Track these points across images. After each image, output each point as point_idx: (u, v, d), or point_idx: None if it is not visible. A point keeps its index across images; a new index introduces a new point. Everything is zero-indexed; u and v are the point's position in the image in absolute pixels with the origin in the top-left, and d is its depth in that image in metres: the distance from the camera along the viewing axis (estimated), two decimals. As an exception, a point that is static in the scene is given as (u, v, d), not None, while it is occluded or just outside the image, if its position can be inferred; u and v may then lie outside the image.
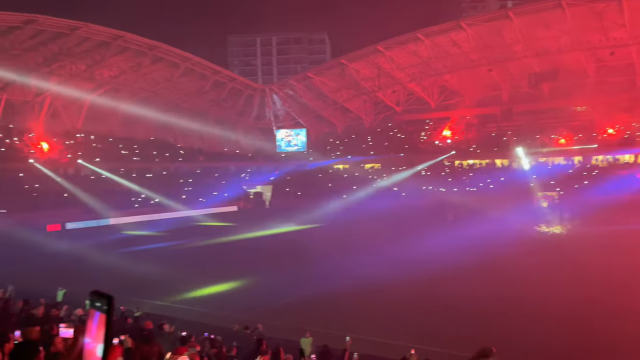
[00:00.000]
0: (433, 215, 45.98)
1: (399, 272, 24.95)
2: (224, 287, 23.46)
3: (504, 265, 26.45)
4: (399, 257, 28.68)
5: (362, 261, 28.01)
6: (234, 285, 23.79)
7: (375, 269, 26.06)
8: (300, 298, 20.73)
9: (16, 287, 20.34)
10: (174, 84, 63.15)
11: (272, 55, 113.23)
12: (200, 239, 39.12)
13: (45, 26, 47.49)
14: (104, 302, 1.28)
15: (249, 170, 72.57)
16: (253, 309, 18.85)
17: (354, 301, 20.09)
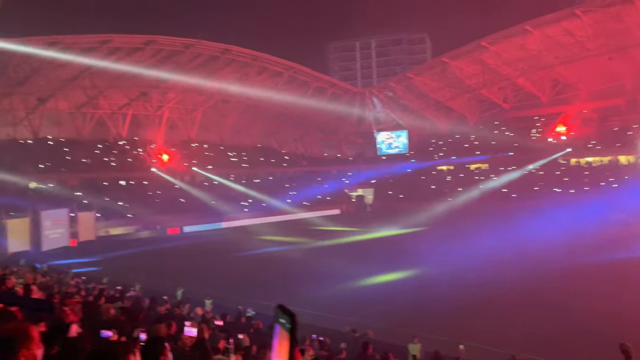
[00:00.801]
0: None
1: (509, 276, 23.65)
2: (339, 288, 23.81)
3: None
4: (507, 260, 27.18)
5: (469, 265, 26.94)
6: (345, 287, 24.04)
7: (484, 272, 24.93)
8: (411, 302, 20.44)
9: (142, 286, 22.33)
10: (277, 92, 65.56)
11: (372, 58, 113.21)
12: (308, 242, 40.06)
13: (163, 45, 51.71)
14: (288, 319, 1.24)
15: (350, 173, 73.15)
16: (363, 312, 18.93)
17: (467, 307, 19.36)
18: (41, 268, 24.57)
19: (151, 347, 4.66)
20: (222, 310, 16.59)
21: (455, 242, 34.94)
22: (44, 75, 49.14)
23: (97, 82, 54.20)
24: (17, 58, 43.27)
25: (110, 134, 60.93)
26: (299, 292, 22.85)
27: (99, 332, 5.79)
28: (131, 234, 46.48)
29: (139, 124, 63.06)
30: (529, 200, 50.48)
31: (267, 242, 40.33)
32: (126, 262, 32.72)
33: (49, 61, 45.98)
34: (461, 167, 65.43)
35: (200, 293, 20.48)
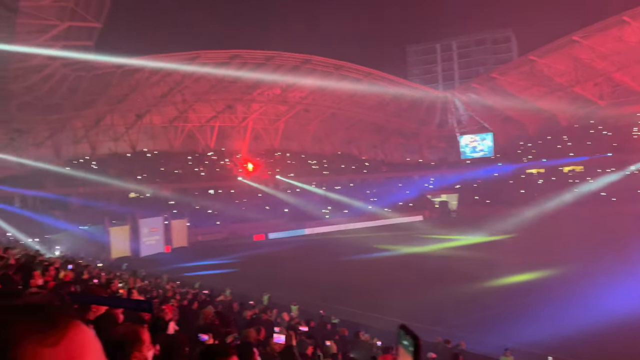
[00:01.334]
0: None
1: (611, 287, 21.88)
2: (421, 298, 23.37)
3: None
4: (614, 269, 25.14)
5: (568, 275, 25.29)
6: (440, 295, 23.52)
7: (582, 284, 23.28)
8: (504, 313, 19.60)
9: (232, 291, 23.21)
10: (356, 99, 65.84)
11: (453, 60, 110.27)
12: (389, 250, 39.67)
13: (246, 59, 53.80)
14: (411, 342, 1.17)
15: (432, 179, 71.55)
16: (451, 322, 18.41)
17: (567, 319, 18.18)
18: (139, 272, 26.35)
19: (241, 352, 4.84)
20: (308, 316, 16.85)
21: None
22: (141, 93, 52.99)
23: (187, 97, 57.54)
24: (118, 77, 46.97)
25: (199, 145, 64.38)
26: (389, 299, 22.64)
27: (194, 335, 6.11)
28: (219, 241, 48.56)
29: (225, 135, 66.11)
30: (632, 204, 46.58)
31: (362, 248, 40.28)
32: (217, 267, 34.22)
33: (145, 79, 49.56)
34: (553, 170, 61.69)
35: (286, 298, 20.91)
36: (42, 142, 52.14)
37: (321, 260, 35.80)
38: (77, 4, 32.38)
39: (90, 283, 10.03)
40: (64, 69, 40.59)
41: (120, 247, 41.06)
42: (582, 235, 36.60)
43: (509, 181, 62.93)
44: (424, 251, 38.14)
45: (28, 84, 40.03)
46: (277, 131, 69.65)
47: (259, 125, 68.12)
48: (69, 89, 44.75)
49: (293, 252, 41.36)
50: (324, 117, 69.98)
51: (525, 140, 69.25)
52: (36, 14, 31.00)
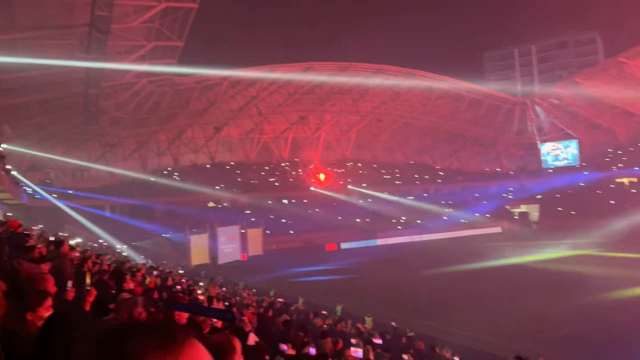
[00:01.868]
0: None
1: None
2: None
3: None
4: None
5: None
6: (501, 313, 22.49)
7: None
8: (580, 331, 18.35)
9: (305, 300, 23.47)
10: (430, 107, 64.69)
11: (532, 65, 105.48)
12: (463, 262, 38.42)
13: (319, 70, 54.61)
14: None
15: (511, 188, 68.56)
16: (529, 338, 17.49)
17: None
18: (217, 279, 27.33)
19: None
20: (382, 329, 16.65)
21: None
22: (219, 106, 55.32)
23: (262, 109, 59.32)
24: (197, 92, 49.35)
25: (274, 156, 66.03)
26: (466, 313, 21.92)
27: (273, 344, 6.23)
28: (293, 249, 49.29)
29: (298, 146, 67.35)
30: None
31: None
32: (291, 276, 34.77)
33: (223, 93, 51.72)
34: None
35: (360, 310, 20.80)
36: (130, 155, 55.72)
37: (396, 271, 35.33)
38: (163, 24, 34.50)
39: (174, 290, 10.54)
40: (150, 85, 43.32)
41: (199, 255, 42.85)
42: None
43: (596, 191, 58.96)
44: (507, 263, 36.52)
45: (118, 100, 43.10)
46: (348, 141, 69.95)
47: (331, 136, 68.78)
48: (154, 104, 47.65)
49: (367, 263, 41.11)
50: (396, 126, 69.36)
51: (614, 148, 64.67)
52: (125, 35, 33.39)
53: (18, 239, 8.83)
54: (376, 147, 72.10)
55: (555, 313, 21.71)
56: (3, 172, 21.68)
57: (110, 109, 43.71)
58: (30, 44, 29.59)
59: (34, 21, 28.80)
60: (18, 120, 37.59)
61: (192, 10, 33.89)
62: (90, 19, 26.41)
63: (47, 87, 36.31)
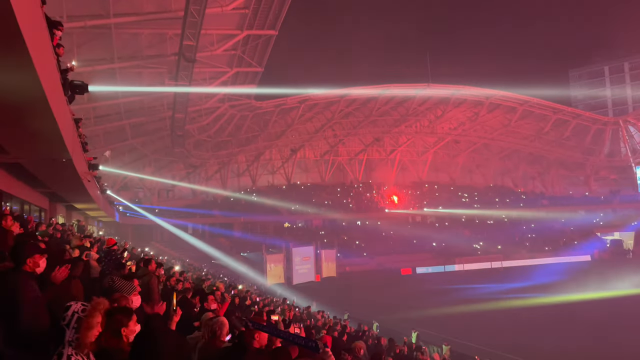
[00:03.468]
0: None
1: None
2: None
3: None
4: None
5: None
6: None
7: None
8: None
9: (380, 325, 23.06)
10: (511, 128, 62.22)
11: (625, 82, 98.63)
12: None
13: (395, 93, 54.47)
14: None
15: (602, 214, 63.88)
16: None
17: None
18: (290, 300, 27.55)
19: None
20: (459, 357, 15.99)
21: None
22: (295, 129, 56.69)
23: (337, 131, 59.97)
24: (276, 115, 50.93)
25: (348, 177, 66.26)
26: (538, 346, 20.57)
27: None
28: (367, 272, 48.77)
29: (372, 168, 67.21)
30: None
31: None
32: (367, 298, 34.36)
33: (300, 116, 52.98)
34: None
35: (437, 337, 20.12)
36: (212, 176, 58.26)
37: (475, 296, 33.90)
38: (244, 51, 36.12)
39: (253, 310, 10.76)
40: (231, 110, 45.34)
41: (275, 274, 43.58)
42: None
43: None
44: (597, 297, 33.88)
45: (202, 124, 45.43)
46: (424, 163, 68.73)
47: (406, 157, 68.00)
48: (235, 127, 49.73)
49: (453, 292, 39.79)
50: (475, 147, 67.28)
51: None
52: (210, 62, 35.29)
53: (114, 255, 9.45)
54: (454, 169, 70.25)
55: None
56: (99, 191, 23.41)
57: (195, 132, 46.16)
58: (126, 72, 32.08)
59: (130, 52, 31.25)
60: (113, 142, 40.67)
61: (272, 38, 35.25)
62: (179, 48, 28.21)
63: (139, 112, 39.10)
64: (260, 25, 33.81)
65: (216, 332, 4.59)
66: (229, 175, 59.41)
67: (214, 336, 4.60)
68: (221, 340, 4.59)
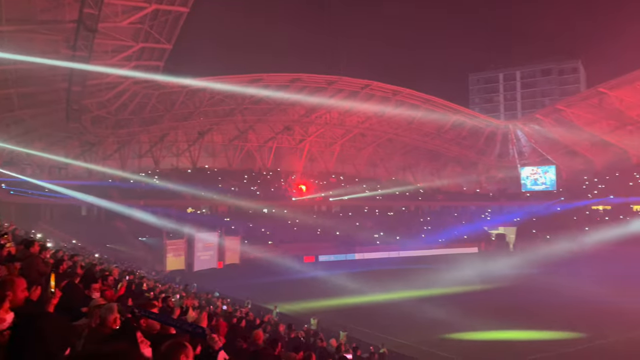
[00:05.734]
0: None
1: None
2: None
3: None
4: None
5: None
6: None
7: None
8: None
9: (279, 312, 23.26)
10: (414, 125, 65.26)
11: (516, 90, 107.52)
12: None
13: (307, 83, 54.78)
14: None
15: (490, 210, 69.35)
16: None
17: None
18: (190, 288, 26.93)
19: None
20: (356, 343, 16.58)
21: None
22: (204, 111, 55.03)
23: (248, 117, 59.17)
24: (183, 96, 49.04)
25: (257, 165, 65.81)
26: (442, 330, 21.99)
27: (241, 358, 6.09)
28: (271, 259, 48.89)
29: (282, 156, 67.30)
30: None
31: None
32: (267, 286, 34.45)
33: (208, 98, 51.47)
34: (622, 208, 58.35)
35: (336, 324, 20.68)
36: (110, 155, 54.93)
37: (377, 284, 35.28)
38: (152, 26, 34.27)
39: (148, 296, 10.33)
40: (134, 86, 42.90)
41: (175, 261, 42.24)
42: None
43: (573, 217, 60.00)
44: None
45: (101, 99, 42.54)
46: (332, 154, 70.07)
47: (315, 148, 68.86)
48: (138, 106, 47.18)
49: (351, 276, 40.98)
50: (380, 141, 69.80)
51: (591, 176, 66.05)
52: (113, 34, 33.07)
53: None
54: (360, 162, 72.42)
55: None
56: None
57: (93, 108, 43.12)
58: (15, 37, 29.11)
59: (21, 14, 28.36)
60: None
61: (183, 15, 33.78)
62: (79, 16, 26.05)
63: (29, 80, 35.68)
64: (170, 1, 32.21)
65: (104, 319, 4.33)
66: (129, 156, 56.43)
67: (101, 323, 4.35)
68: (109, 328, 4.34)
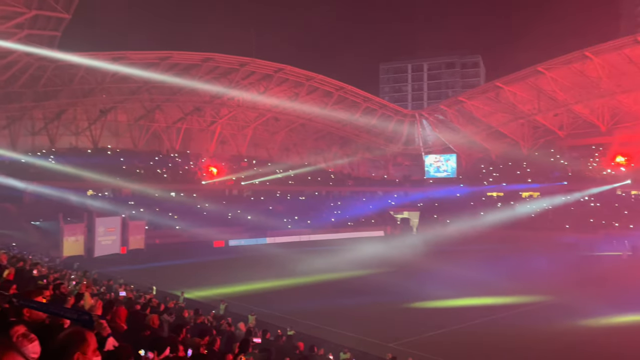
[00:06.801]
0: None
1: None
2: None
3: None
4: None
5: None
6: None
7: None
8: (453, 331, 19.87)
9: (186, 298, 22.73)
10: (327, 112, 66.06)
11: (423, 81, 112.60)
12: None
13: (219, 63, 53.38)
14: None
15: (396, 195, 72.41)
16: (406, 338, 18.53)
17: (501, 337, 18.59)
18: (90, 274, 25.46)
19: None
20: (263, 325, 16.66)
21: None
22: (107, 88, 51.70)
23: (155, 96, 56.50)
24: (84, 71, 45.71)
25: (164, 146, 63.21)
26: (345, 311, 22.65)
27: (140, 345, 5.85)
28: (179, 245, 47.54)
29: (191, 138, 65.17)
30: (585, 232, 48.61)
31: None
32: (173, 272, 33.48)
33: (112, 75, 48.40)
34: (513, 194, 63.56)
35: (245, 308, 20.61)
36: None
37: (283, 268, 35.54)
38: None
39: (41, 284, 9.62)
40: (27, 57, 39.28)
41: (73, 246, 39.65)
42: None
43: (470, 202, 64.32)
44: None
45: (-12, 70, 38.52)
46: (245, 137, 69.07)
47: (227, 130, 67.45)
48: (31, 78, 43.31)
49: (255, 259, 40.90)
50: (294, 126, 69.97)
51: (487, 164, 71.02)
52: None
53: None
54: (272, 146, 72.17)
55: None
56: None
57: (-23, 78, 38.98)
58: None
59: None
60: None
61: (83, -18, 31.37)
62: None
63: None
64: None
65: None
66: (20, 133, 51.82)
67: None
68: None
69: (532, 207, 58.59)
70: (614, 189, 56.42)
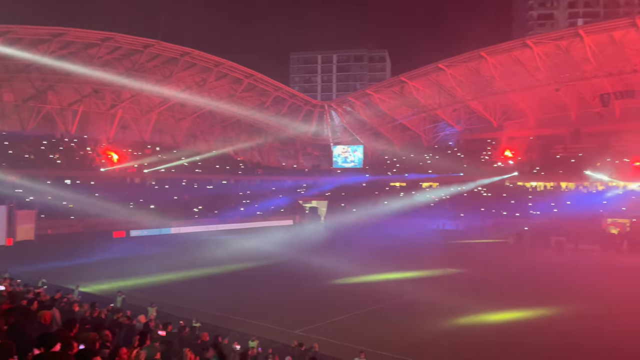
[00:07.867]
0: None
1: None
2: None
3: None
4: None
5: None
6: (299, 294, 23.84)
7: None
8: (360, 316, 20.55)
9: (81, 292, 21.41)
10: (236, 99, 64.93)
11: (332, 72, 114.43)
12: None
13: (121, 43, 50.36)
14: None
15: (305, 185, 73.19)
16: (311, 325, 18.85)
17: (406, 321, 19.64)
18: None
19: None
20: (165, 317, 16.14)
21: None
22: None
23: (47, 75, 52.04)
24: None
25: (58, 130, 58.54)
26: (250, 300, 22.58)
27: (27, 343, 5.42)
28: (74, 235, 44.48)
29: (89, 122, 60.87)
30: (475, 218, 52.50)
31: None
32: (66, 264, 31.31)
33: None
34: (414, 184, 66.84)
35: (145, 300, 19.80)
36: None
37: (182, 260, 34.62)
38: None
39: None
40: None
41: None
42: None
43: (375, 192, 66.69)
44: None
45: None
46: (148, 122, 65.82)
47: (128, 115, 63.83)
48: None
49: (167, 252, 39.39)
50: (201, 113, 67.92)
51: (391, 155, 73.99)
52: None
53: None
54: (178, 133, 69.55)
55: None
56: None
57: None
58: None
59: None
60: None
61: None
62: None
63: None
64: None
65: None
66: None
67: None
68: None
69: (431, 196, 62.00)
70: (503, 180, 61.28)
